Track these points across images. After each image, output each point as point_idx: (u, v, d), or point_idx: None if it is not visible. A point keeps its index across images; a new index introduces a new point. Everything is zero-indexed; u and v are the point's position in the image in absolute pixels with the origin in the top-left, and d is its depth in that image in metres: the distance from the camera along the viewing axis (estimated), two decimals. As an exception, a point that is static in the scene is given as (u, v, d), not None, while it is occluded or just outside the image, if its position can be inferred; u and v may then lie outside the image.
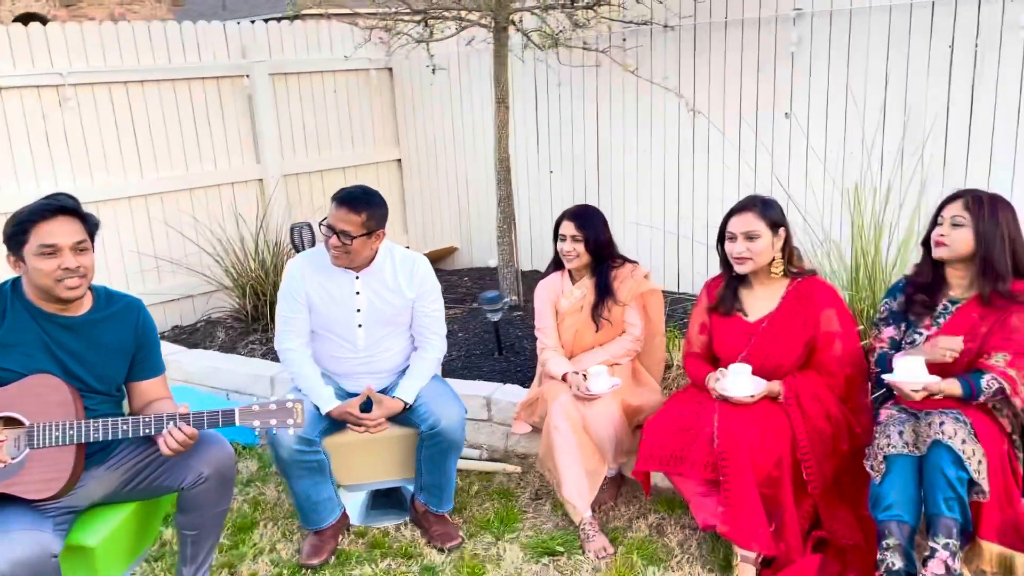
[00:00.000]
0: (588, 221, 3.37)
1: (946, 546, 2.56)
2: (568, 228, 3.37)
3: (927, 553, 2.59)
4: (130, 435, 2.40)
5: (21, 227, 2.38)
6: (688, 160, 5.22)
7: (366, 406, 3.10)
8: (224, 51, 5.72)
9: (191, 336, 5.30)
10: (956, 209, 2.74)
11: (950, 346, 2.68)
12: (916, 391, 2.62)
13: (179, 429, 2.39)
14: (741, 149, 4.98)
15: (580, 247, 3.36)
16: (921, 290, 2.86)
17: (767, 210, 2.93)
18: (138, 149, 5.40)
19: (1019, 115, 4.06)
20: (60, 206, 2.40)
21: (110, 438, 2.39)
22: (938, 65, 4.25)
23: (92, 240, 2.50)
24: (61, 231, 2.39)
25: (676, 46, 5.08)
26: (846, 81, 4.54)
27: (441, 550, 3.11)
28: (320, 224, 3.06)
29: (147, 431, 2.41)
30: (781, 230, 2.94)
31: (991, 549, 2.71)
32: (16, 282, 2.49)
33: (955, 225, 2.72)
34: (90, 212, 2.52)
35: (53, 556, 2.25)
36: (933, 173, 4.33)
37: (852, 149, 4.59)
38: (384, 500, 3.49)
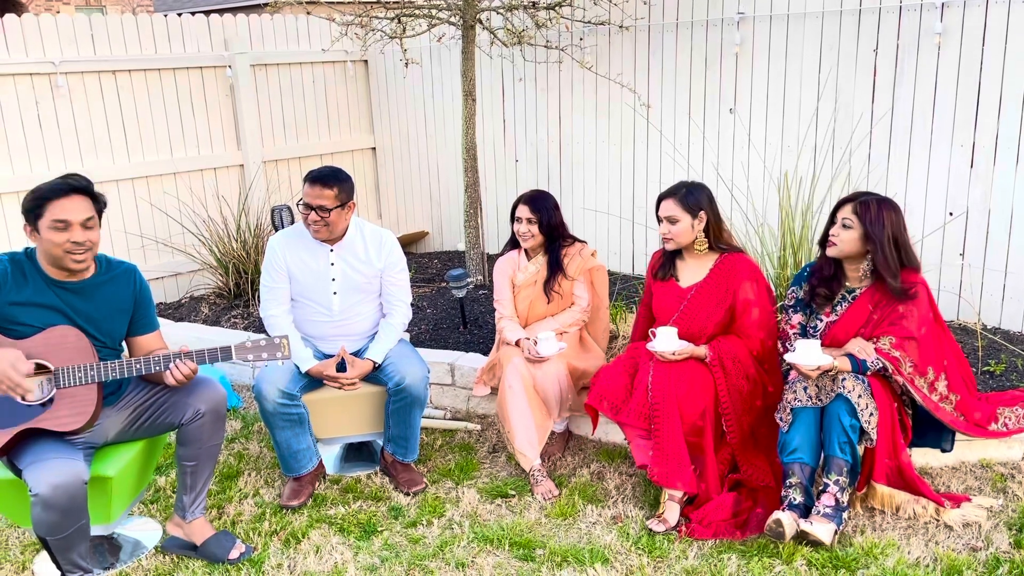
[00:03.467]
0: (541, 205, 3.77)
1: (837, 482, 3.00)
2: (524, 211, 3.77)
3: (820, 488, 3.04)
4: (143, 372, 2.80)
5: (38, 202, 2.73)
6: (642, 150, 5.63)
7: (340, 367, 3.48)
8: (207, 42, 6.04)
9: (176, 311, 5.64)
10: (846, 212, 3.14)
11: (863, 347, 3.08)
12: (812, 370, 3.04)
13: (184, 363, 2.79)
14: (689, 141, 5.40)
15: (535, 228, 3.76)
16: (823, 283, 3.26)
17: (688, 197, 3.34)
18: (126, 134, 5.72)
19: (934, 111, 4.50)
20: (74, 186, 2.75)
21: (126, 375, 2.78)
22: (864, 67, 4.68)
23: (100, 217, 2.86)
24: (73, 208, 2.73)
25: (631, 45, 5.49)
26: (783, 80, 4.97)
27: (407, 493, 3.50)
28: (298, 204, 3.43)
29: (157, 368, 2.81)
30: (701, 214, 3.35)
31: (881, 490, 3.16)
32: (30, 252, 2.84)
33: (845, 227, 3.13)
34: (100, 192, 2.87)
35: (84, 482, 2.66)
36: (859, 164, 4.78)
37: (788, 142, 5.02)
38: (356, 453, 3.87)
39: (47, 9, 22.18)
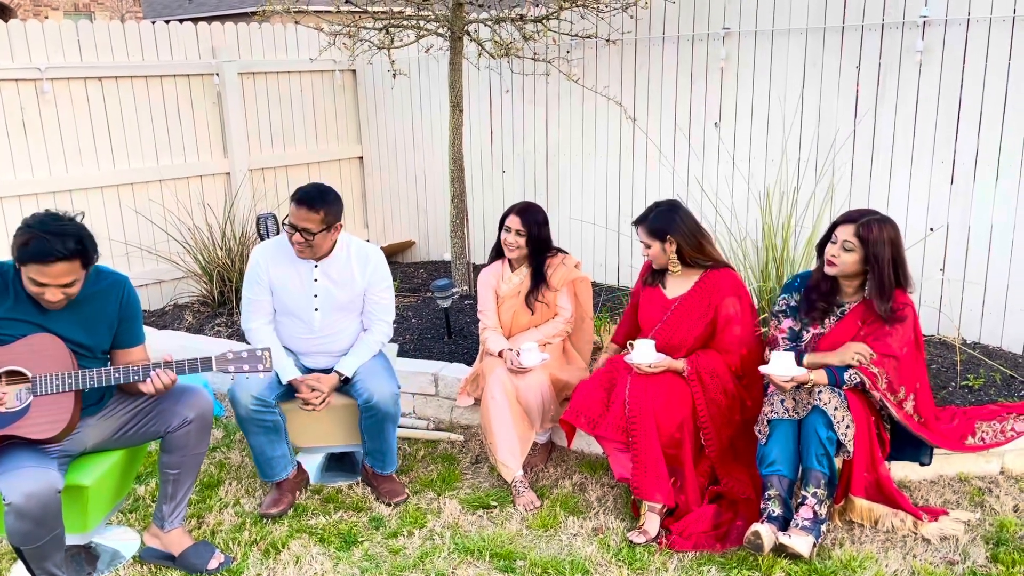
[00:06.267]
0: (531, 219, 3.79)
1: (815, 495, 3.03)
2: (514, 222, 3.78)
3: (799, 500, 3.06)
4: (121, 381, 2.78)
5: (25, 258, 2.61)
6: (628, 163, 5.66)
7: None
8: (195, 50, 6.04)
9: (160, 319, 5.62)
10: (848, 234, 3.13)
11: (860, 351, 3.10)
12: (786, 381, 3.07)
13: (164, 372, 2.79)
14: (675, 154, 5.44)
15: (522, 240, 3.77)
16: (822, 297, 3.28)
17: (654, 223, 3.42)
18: (111, 141, 5.70)
19: (915, 128, 4.55)
20: (60, 255, 2.60)
21: (104, 384, 2.76)
22: (846, 84, 4.73)
23: (91, 264, 2.74)
24: (55, 274, 2.62)
25: (617, 59, 5.53)
26: (768, 95, 5.02)
27: (388, 504, 3.50)
28: (283, 223, 3.42)
29: (136, 378, 2.79)
30: (669, 238, 3.39)
31: (860, 503, 3.18)
32: (16, 266, 2.80)
33: (846, 249, 3.14)
34: (91, 249, 2.70)
35: (57, 491, 2.63)
36: (842, 179, 4.82)
37: (772, 157, 5.06)
38: (338, 463, 3.86)
39: (35, 14, 22.10)
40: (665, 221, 3.40)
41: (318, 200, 3.31)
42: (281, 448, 3.45)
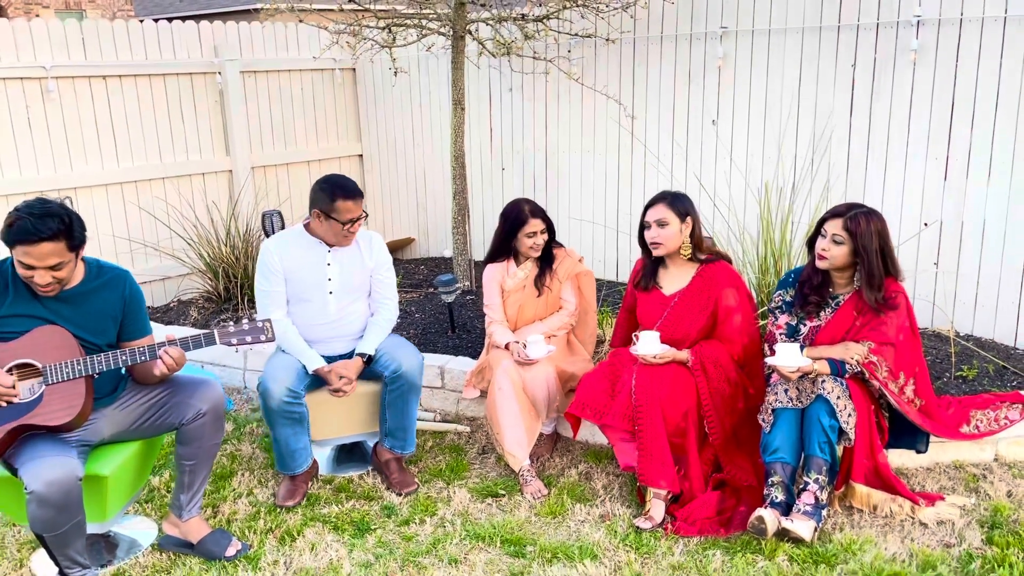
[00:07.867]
0: (545, 214, 3.89)
1: (816, 481, 3.12)
2: (537, 225, 3.85)
3: (801, 487, 3.15)
4: (130, 363, 2.84)
5: (11, 239, 2.68)
6: (627, 160, 5.75)
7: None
8: (198, 49, 6.10)
9: (165, 315, 5.67)
10: (836, 227, 3.24)
11: (860, 353, 3.20)
12: (792, 372, 3.16)
13: (173, 348, 2.87)
14: (673, 151, 5.53)
15: (546, 237, 3.86)
16: (814, 291, 3.38)
17: (676, 202, 3.47)
18: (115, 139, 5.75)
19: (910, 124, 4.65)
20: (44, 235, 2.64)
21: (114, 367, 2.82)
22: (842, 82, 4.83)
23: (79, 247, 2.78)
24: (40, 255, 2.66)
25: (617, 58, 5.61)
26: (765, 93, 5.11)
27: (399, 494, 3.57)
28: (344, 225, 3.46)
29: (143, 358, 2.86)
30: (688, 219, 3.47)
31: (860, 489, 3.28)
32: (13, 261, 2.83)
33: (836, 243, 3.24)
34: (78, 231, 2.74)
35: (79, 479, 2.70)
36: (837, 175, 4.92)
37: (769, 153, 5.16)
38: (348, 454, 3.94)
39: (26, 12, 22.03)
40: (686, 202, 3.50)
41: (359, 189, 3.52)
42: (303, 440, 3.52)
